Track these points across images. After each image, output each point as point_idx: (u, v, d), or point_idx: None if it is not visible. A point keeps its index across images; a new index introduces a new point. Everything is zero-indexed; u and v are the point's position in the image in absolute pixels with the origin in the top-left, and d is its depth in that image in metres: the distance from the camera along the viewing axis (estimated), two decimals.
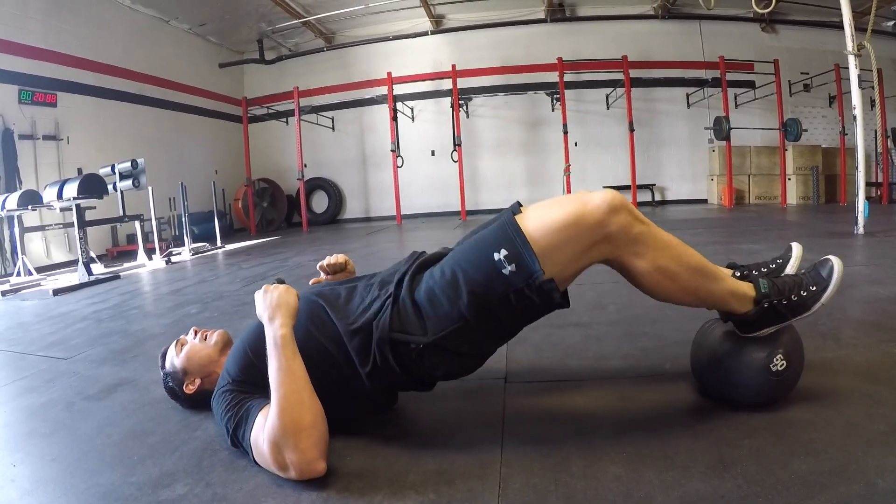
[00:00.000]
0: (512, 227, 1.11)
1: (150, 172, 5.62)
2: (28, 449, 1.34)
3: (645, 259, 1.12)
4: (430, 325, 1.13)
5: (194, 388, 1.42)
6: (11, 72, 5.77)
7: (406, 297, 1.17)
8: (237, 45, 9.94)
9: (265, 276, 4.01)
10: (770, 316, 1.19)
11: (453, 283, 1.12)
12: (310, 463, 1.04)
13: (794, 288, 1.20)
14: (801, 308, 1.19)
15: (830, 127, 9.10)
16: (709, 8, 5.88)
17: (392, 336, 1.14)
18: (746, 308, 1.20)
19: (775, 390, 1.22)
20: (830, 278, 1.19)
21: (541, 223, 1.10)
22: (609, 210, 1.07)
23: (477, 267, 1.11)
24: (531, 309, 1.13)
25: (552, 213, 1.10)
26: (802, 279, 1.21)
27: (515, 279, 1.08)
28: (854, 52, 4.30)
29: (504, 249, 1.09)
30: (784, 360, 1.19)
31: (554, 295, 1.09)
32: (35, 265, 5.13)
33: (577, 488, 0.99)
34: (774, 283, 1.20)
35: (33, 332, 2.77)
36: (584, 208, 1.08)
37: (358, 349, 1.18)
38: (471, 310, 1.10)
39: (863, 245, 3.70)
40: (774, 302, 1.18)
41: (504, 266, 1.08)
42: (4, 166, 5.64)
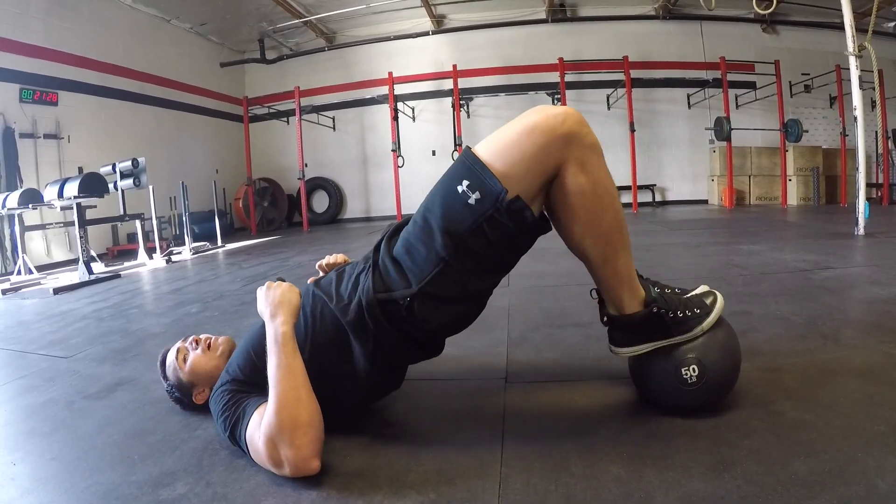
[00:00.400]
0: (469, 157, 1.09)
1: (151, 171, 5.62)
2: (28, 448, 1.34)
3: (587, 175, 1.09)
4: (413, 275, 1.11)
5: (204, 398, 1.42)
6: (13, 70, 5.77)
7: (385, 257, 1.16)
8: (238, 44, 9.95)
9: (266, 276, 4.01)
10: (653, 325, 1.19)
11: (426, 228, 1.10)
12: (305, 460, 1.04)
13: (679, 305, 1.21)
14: (683, 326, 1.19)
15: (831, 128, 9.10)
16: (710, 9, 5.87)
17: (378, 297, 1.13)
18: (635, 308, 1.20)
19: (689, 399, 1.21)
20: (713, 307, 1.22)
21: (496, 144, 1.09)
22: (566, 114, 1.07)
23: (444, 205, 1.09)
24: (507, 235, 1.08)
25: (507, 131, 1.09)
26: (687, 301, 1.23)
27: (482, 206, 1.05)
28: (855, 53, 4.30)
29: (465, 180, 1.07)
30: (697, 371, 1.17)
31: (525, 213, 1.06)
32: (35, 264, 5.14)
33: (577, 488, 0.99)
34: (663, 295, 1.22)
35: (33, 331, 2.77)
36: (543, 113, 1.07)
37: (354, 326, 1.17)
38: (447, 249, 1.07)
39: (863, 246, 3.70)
40: (661, 310, 1.19)
41: (468, 196, 1.06)
42: (5, 165, 5.64)
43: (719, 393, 1.23)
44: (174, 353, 1.44)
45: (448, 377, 1.59)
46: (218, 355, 1.42)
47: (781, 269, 2.95)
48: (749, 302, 2.21)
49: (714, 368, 1.18)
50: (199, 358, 1.41)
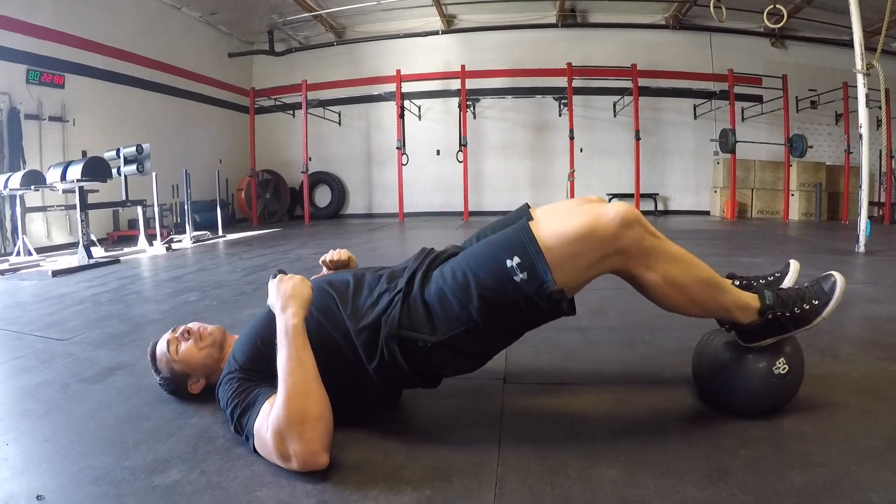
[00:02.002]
0: (526, 235, 1.11)
1: (155, 158, 5.61)
2: (21, 428, 1.34)
3: (655, 271, 1.13)
4: (440, 326, 1.14)
5: (199, 388, 1.42)
6: (20, 51, 5.76)
7: (417, 296, 1.18)
8: (247, 35, 9.94)
9: (266, 267, 4.01)
10: (772, 327, 1.21)
11: (464, 287, 1.12)
12: (313, 455, 1.04)
13: (797, 300, 1.21)
14: (802, 320, 1.20)
15: (836, 145, 9.10)
16: (720, 20, 5.88)
17: (401, 333, 1.15)
18: (750, 318, 1.21)
19: (777, 395, 1.23)
20: (833, 293, 1.20)
21: (554, 233, 1.10)
22: (623, 224, 1.08)
23: (489, 272, 1.12)
24: (538, 315, 1.14)
25: (566, 222, 1.11)
26: (805, 292, 1.23)
27: (526, 287, 1.09)
28: (863, 72, 4.30)
29: (517, 257, 1.09)
30: (786, 364, 1.21)
31: (563, 304, 1.11)
32: (35, 246, 5.13)
33: (572, 491, 0.99)
34: (778, 295, 1.22)
35: (31, 312, 2.77)
36: (599, 221, 1.08)
37: (365, 344, 1.18)
38: (480, 313, 1.11)
39: (863, 263, 3.70)
40: (778, 314, 1.20)
41: (516, 273, 1.09)
42: (9, 146, 5.64)
43: (793, 394, 1.26)
44: (164, 344, 1.43)
45: None
46: (209, 344, 1.42)
47: None
48: None
49: (797, 368, 1.23)
50: (190, 348, 1.41)
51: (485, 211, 9.40)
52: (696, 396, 1.39)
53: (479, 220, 7.97)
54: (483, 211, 9.40)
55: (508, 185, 9.70)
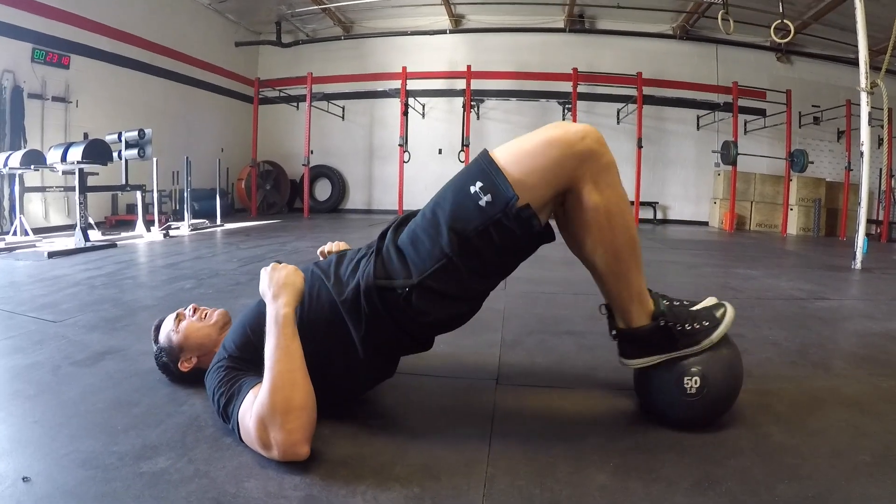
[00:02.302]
0: (485, 160, 1.12)
1: (157, 144, 5.59)
2: (10, 409, 1.33)
3: (601, 194, 1.11)
4: (415, 267, 1.12)
5: (190, 366, 1.42)
6: (27, 29, 5.73)
7: (389, 246, 1.18)
8: (255, 25, 9.92)
9: (263, 258, 4.00)
10: (660, 338, 1.20)
11: (434, 222, 1.12)
12: (294, 445, 1.03)
13: (688, 318, 1.21)
14: (690, 339, 1.20)
15: (836, 161, 9.14)
16: (727, 33, 5.89)
17: (377, 283, 1.14)
18: (643, 321, 1.21)
19: (689, 410, 1.21)
20: (723, 319, 1.22)
21: (514, 152, 1.11)
22: (587, 133, 1.09)
23: (454, 202, 1.11)
24: (512, 241, 1.10)
25: (527, 140, 1.12)
26: (697, 314, 1.23)
27: (492, 209, 1.07)
28: (867, 90, 4.32)
29: (479, 181, 1.09)
30: (699, 382, 1.18)
31: (533, 222, 1.08)
32: (32, 226, 5.10)
33: (562, 494, 0.98)
34: (672, 308, 1.22)
35: (24, 293, 2.75)
36: (566, 129, 1.09)
37: (349, 309, 1.17)
38: (452, 246, 1.09)
39: (859, 280, 3.72)
40: (670, 324, 1.19)
41: (480, 197, 1.08)
42: (11, 124, 5.61)
43: (716, 409, 1.23)
44: (172, 316, 1.46)
45: (439, 374, 1.58)
46: (211, 324, 1.43)
47: (777, 295, 2.96)
48: (742, 325, 2.21)
49: (715, 383, 1.19)
50: (193, 324, 1.42)
51: None
52: None
53: None
54: None
55: None
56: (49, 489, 0.97)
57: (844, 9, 6.90)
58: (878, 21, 5.38)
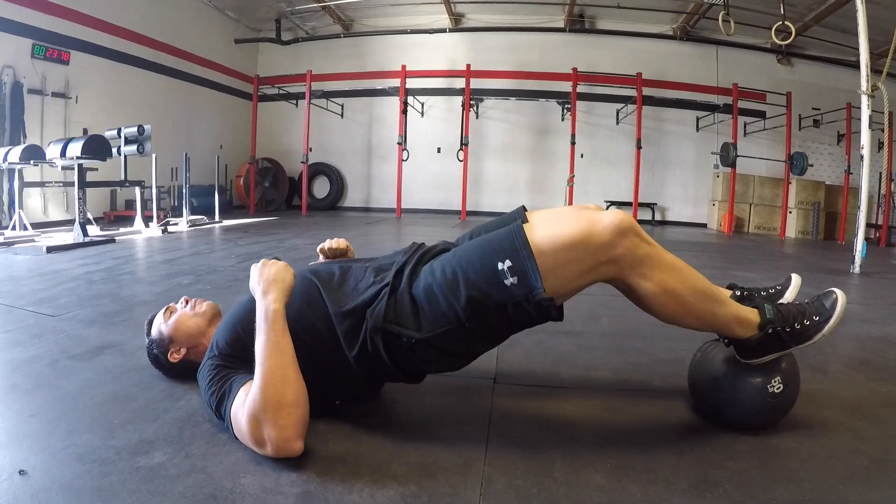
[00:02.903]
0: (520, 238, 1.10)
1: (156, 140, 5.58)
2: (8, 402, 1.33)
3: (651, 281, 1.11)
4: (425, 322, 1.13)
5: (179, 356, 1.41)
6: (27, 25, 5.72)
7: (404, 290, 1.17)
8: (255, 22, 9.90)
9: (261, 255, 3.99)
10: (772, 342, 1.19)
11: (453, 285, 1.11)
12: (287, 441, 1.03)
13: (797, 316, 1.19)
14: (803, 337, 1.18)
15: (836, 164, 9.15)
16: (728, 34, 5.89)
17: (385, 327, 1.14)
18: (750, 333, 1.19)
19: (771, 412, 1.23)
20: (834, 310, 1.18)
21: (548, 238, 1.09)
22: (617, 232, 1.07)
23: (479, 273, 1.10)
24: (526, 320, 1.13)
25: (560, 228, 1.09)
26: (806, 308, 1.21)
27: (516, 292, 1.08)
28: (868, 93, 4.32)
29: (509, 260, 1.08)
30: (781, 383, 1.20)
31: (552, 311, 1.10)
32: (31, 221, 5.09)
33: (559, 494, 0.98)
34: (779, 310, 1.20)
35: (23, 287, 2.75)
36: (594, 228, 1.07)
37: (347, 332, 1.17)
38: (467, 313, 1.10)
39: (858, 284, 3.72)
40: (778, 328, 1.18)
41: (506, 277, 1.08)
42: (10, 119, 5.59)
43: (787, 411, 1.26)
44: (163, 309, 1.47)
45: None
46: (200, 313, 1.44)
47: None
48: None
49: (792, 381, 1.22)
50: (183, 314, 1.43)
51: (482, 211, 9.39)
52: (685, 406, 1.39)
53: (477, 220, 7.96)
54: (481, 211, 9.40)
55: (507, 187, 9.70)
56: (46, 482, 0.97)
57: (846, 11, 6.91)
58: (879, 24, 5.39)
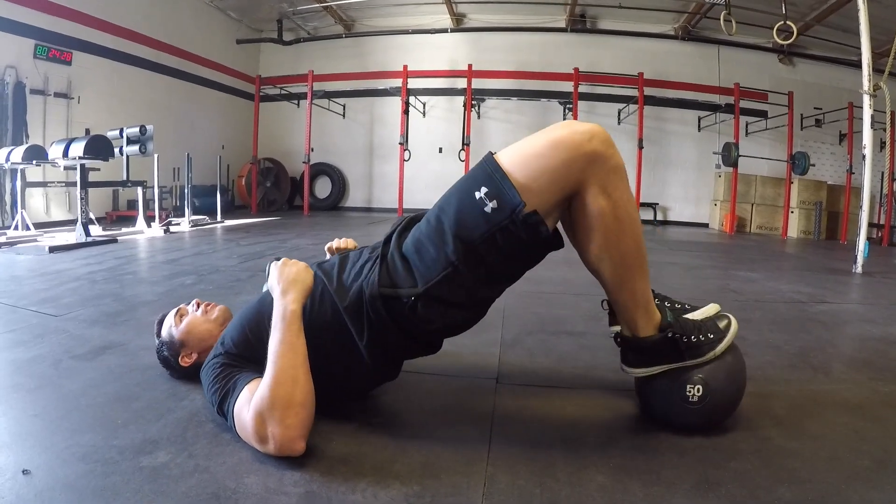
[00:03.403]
0: (490, 164, 1.08)
1: (158, 140, 5.59)
2: (11, 402, 1.33)
3: (609, 198, 1.08)
4: (420, 275, 1.11)
5: (190, 361, 1.42)
6: (29, 25, 5.74)
7: (394, 252, 1.16)
8: (256, 22, 9.91)
9: (263, 255, 4.00)
10: (667, 349, 1.19)
11: (438, 229, 1.09)
12: (292, 440, 1.03)
13: (693, 330, 1.20)
14: (696, 351, 1.19)
15: (838, 164, 9.13)
16: (730, 34, 5.88)
17: (382, 292, 1.12)
18: (649, 332, 1.19)
19: (691, 418, 1.21)
20: (727, 331, 1.21)
21: (519, 154, 1.08)
22: (592, 133, 1.05)
23: (459, 209, 1.08)
24: (519, 247, 1.08)
25: (532, 142, 1.08)
26: (701, 325, 1.22)
27: (498, 216, 1.05)
28: (869, 93, 4.31)
29: (484, 187, 1.06)
30: (701, 389, 1.18)
31: (540, 228, 1.05)
32: (34, 221, 5.11)
33: (561, 494, 0.99)
34: (678, 319, 1.21)
35: (26, 287, 2.75)
36: (573, 128, 1.06)
37: (352, 315, 1.16)
38: (457, 253, 1.07)
39: (860, 284, 3.71)
40: (676, 335, 1.18)
41: (485, 203, 1.05)
42: (13, 119, 5.61)
43: (718, 415, 1.23)
44: (174, 311, 1.46)
45: (439, 372, 1.58)
46: (212, 319, 1.44)
47: (777, 298, 2.96)
48: (742, 328, 2.16)
49: (718, 391, 1.19)
50: (195, 318, 1.43)
51: None
52: None
53: None
54: None
55: None
56: (49, 482, 0.97)
57: (847, 11, 6.89)
58: (881, 23, 5.38)
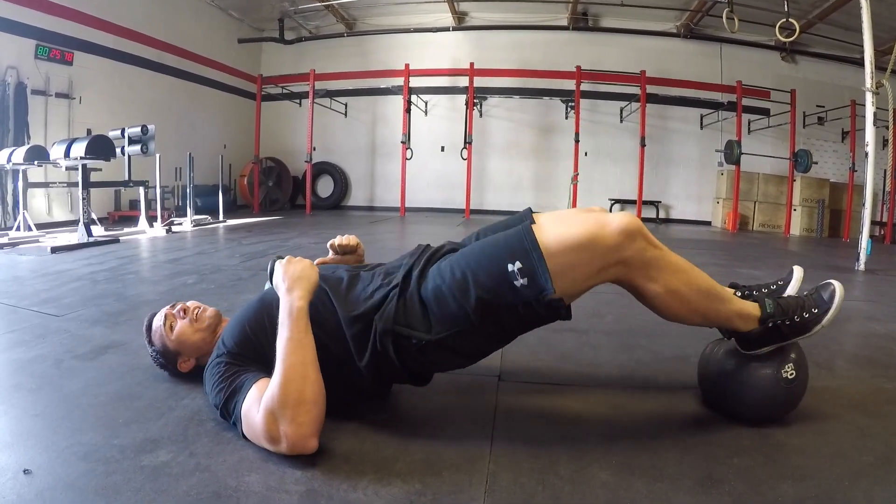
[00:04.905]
0: (529, 239, 1.10)
1: (160, 140, 5.59)
2: (12, 402, 1.33)
3: (657, 283, 1.13)
4: (435, 324, 1.13)
5: (189, 366, 1.42)
6: (30, 26, 5.74)
7: (414, 293, 1.18)
8: (258, 22, 9.91)
9: (265, 254, 4.00)
10: (772, 335, 1.22)
11: (462, 286, 1.11)
12: (304, 438, 1.03)
13: (796, 309, 1.22)
14: (802, 329, 1.21)
15: (840, 162, 9.10)
16: (732, 31, 5.86)
17: (396, 329, 1.14)
18: (751, 327, 1.22)
19: (785, 399, 1.24)
20: (832, 302, 1.21)
21: (557, 239, 1.09)
22: (626, 235, 1.08)
23: (489, 274, 1.11)
24: (536, 319, 1.15)
25: (569, 230, 1.10)
26: (805, 301, 1.23)
27: (526, 293, 1.09)
28: (872, 90, 4.29)
29: (519, 262, 1.09)
30: (794, 369, 1.22)
31: (561, 311, 1.11)
32: (35, 221, 5.11)
33: (564, 491, 0.98)
34: (778, 304, 1.22)
35: (28, 287, 2.76)
36: (603, 230, 1.08)
37: (356, 337, 1.18)
38: (477, 314, 1.10)
39: (863, 281, 3.70)
40: (778, 322, 1.21)
41: (517, 278, 1.08)
42: (14, 120, 5.61)
43: (799, 397, 1.27)
44: (161, 318, 1.44)
45: None
46: (204, 327, 1.42)
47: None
48: None
49: (804, 367, 1.24)
50: (185, 327, 1.41)
51: (487, 210, 9.39)
52: (690, 403, 1.39)
53: (481, 219, 7.96)
54: (485, 209, 9.40)
55: (511, 185, 9.69)
56: (50, 481, 0.97)
57: (850, 8, 6.86)
58: (883, 21, 5.36)
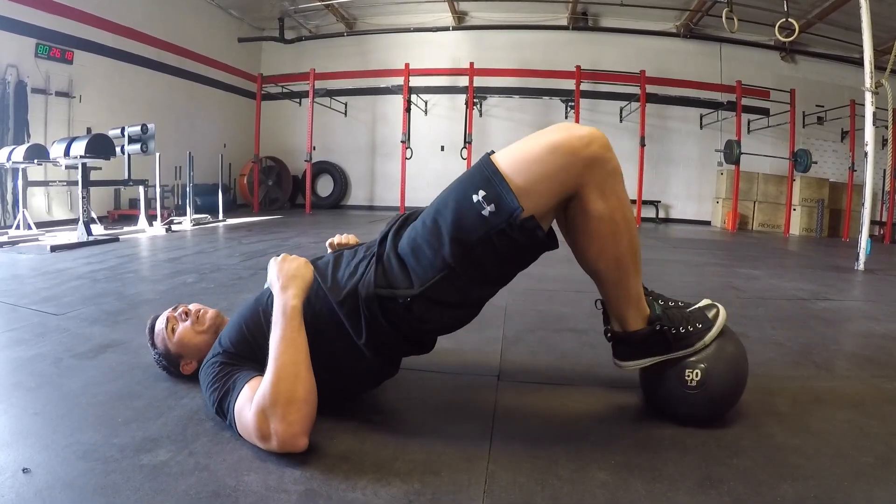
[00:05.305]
0: (488, 167, 1.08)
1: (159, 139, 5.59)
2: (11, 400, 1.33)
3: (606, 202, 1.08)
4: (416, 277, 1.11)
5: (191, 369, 1.42)
6: (30, 24, 5.73)
7: (390, 253, 1.16)
8: (258, 21, 9.90)
9: (264, 253, 4.00)
10: (655, 341, 1.21)
11: (435, 231, 1.09)
12: (294, 436, 1.03)
13: (682, 321, 1.22)
14: (685, 341, 1.21)
15: (840, 162, 9.10)
16: (732, 31, 5.86)
17: (378, 293, 1.12)
18: (638, 325, 1.21)
19: (691, 405, 1.22)
20: (715, 321, 1.22)
21: (517, 159, 1.07)
22: (592, 137, 1.05)
23: (456, 211, 1.08)
24: (515, 250, 1.09)
25: (532, 144, 1.08)
26: (689, 315, 1.23)
27: (495, 219, 1.05)
28: (871, 90, 4.30)
29: (482, 190, 1.06)
30: (700, 374, 1.19)
31: (537, 232, 1.06)
32: (35, 220, 5.11)
33: (563, 491, 0.98)
34: (665, 311, 1.23)
35: (27, 286, 2.76)
36: (570, 132, 1.05)
37: (348, 315, 1.16)
38: (454, 256, 1.07)
39: (862, 281, 3.71)
40: (664, 328, 1.20)
41: (483, 207, 1.05)
42: (14, 119, 5.61)
43: (717, 405, 1.24)
44: (163, 321, 1.43)
45: (441, 370, 1.58)
46: (206, 329, 1.41)
47: (779, 295, 2.95)
48: (745, 325, 2.20)
49: (716, 378, 1.20)
50: (187, 330, 1.40)
51: None
52: None
53: None
54: None
55: None
56: (49, 480, 0.97)
57: (849, 8, 6.86)
58: (883, 21, 5.36)
